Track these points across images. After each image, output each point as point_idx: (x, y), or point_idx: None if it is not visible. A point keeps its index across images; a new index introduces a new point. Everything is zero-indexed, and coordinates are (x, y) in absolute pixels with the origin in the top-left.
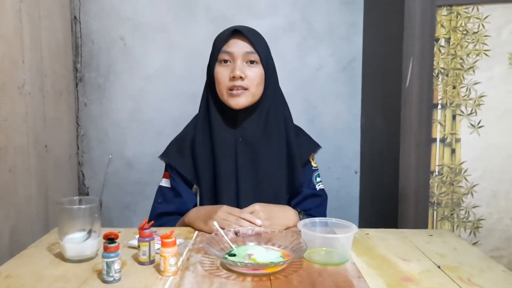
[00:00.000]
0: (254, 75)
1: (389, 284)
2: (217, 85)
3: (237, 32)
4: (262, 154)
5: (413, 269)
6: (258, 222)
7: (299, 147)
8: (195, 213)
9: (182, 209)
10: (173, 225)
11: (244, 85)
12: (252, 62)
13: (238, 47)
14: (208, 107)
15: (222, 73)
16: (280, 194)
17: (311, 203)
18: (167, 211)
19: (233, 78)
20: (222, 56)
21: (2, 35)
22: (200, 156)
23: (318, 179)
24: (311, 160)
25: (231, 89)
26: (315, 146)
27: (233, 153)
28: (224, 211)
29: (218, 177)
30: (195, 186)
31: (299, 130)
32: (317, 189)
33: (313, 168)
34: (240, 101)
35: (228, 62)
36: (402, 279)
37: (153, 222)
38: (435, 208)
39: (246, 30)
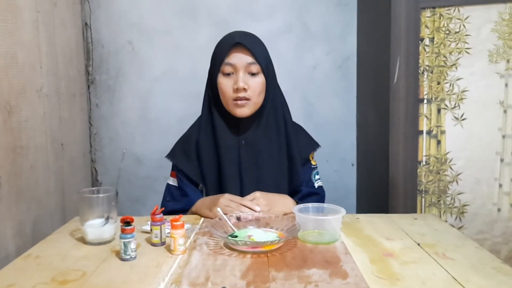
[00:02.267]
0: (256, 85)
1: (372, 259)
2: (221, 96)
3: (238, 43)
4: (263, 155)
5: (395, 246)
6: (257, 208)
7: (299, 146)
8: (201, 202)
9: (189, 207)
10: None
11: (247, 95)
12: (253, 72)
13: (240, 59)
14: (211, 112)
15: (225, 84)
16: (281, 193)
17: (309, 201)
18: (175, 209)
19: (237, 90)
20: (225, 68)
21: (22, 44)
22: (205, 158)
23: (317, 177)
24: (311, 159)
25: (235, 99)
26: (314, 145)
27: (237, 156)
28: (227, 198)
29: (223, 179)
30: (200, 185)
31: (298, 128)
32: (316, 187)
33: (312, 166)
34: (244, 111)
35: (231, 74)
36: (384, 254)
37: (163, 208)
38: (423, 195)
39: (246, 41)
